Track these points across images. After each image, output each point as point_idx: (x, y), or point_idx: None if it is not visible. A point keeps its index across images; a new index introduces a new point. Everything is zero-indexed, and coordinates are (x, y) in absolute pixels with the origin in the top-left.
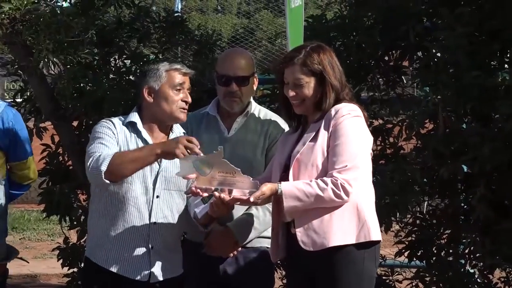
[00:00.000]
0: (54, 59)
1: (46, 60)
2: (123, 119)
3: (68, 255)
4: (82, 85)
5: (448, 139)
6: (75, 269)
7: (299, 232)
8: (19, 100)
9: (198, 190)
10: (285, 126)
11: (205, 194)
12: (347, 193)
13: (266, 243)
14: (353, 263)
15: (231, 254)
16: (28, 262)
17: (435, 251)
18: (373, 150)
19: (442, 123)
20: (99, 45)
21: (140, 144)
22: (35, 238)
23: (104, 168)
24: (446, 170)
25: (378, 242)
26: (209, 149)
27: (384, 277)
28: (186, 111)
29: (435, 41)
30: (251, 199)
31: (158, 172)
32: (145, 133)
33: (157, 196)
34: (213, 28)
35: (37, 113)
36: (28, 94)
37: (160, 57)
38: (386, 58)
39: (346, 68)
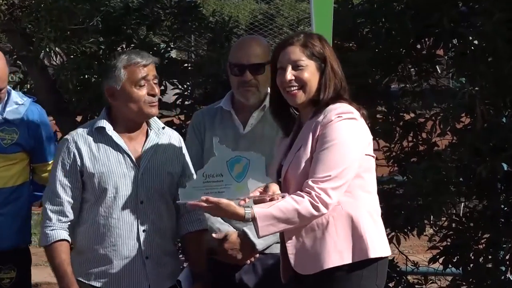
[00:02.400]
0: (56, 48)
1: (47, 49)
2: (91, 125)
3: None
4: (86, 76)
5: (487, 134)
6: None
7: (292, 255)
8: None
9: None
10: None
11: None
12: (325, 204)
13: None
14: (348, 282)
15: (248, 261)
16: None
17: (472, 257)
18: (404, 147)
19: (480, 117)
20: (105, 33)
21: (112, 152)
22: (36, 244)
23: (43, 244)
24: (485, 169)
25: (380, 258)
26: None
27: (417, 286)
28: (155, 103)
29: (471, 27)
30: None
31: (138, 177)
32: (117, 137)
33: (141, 202)
34: (230, 14)
35: None
36: (28, 86)
37: (172, 46)
38: (418, 46)
39: (375, 57)
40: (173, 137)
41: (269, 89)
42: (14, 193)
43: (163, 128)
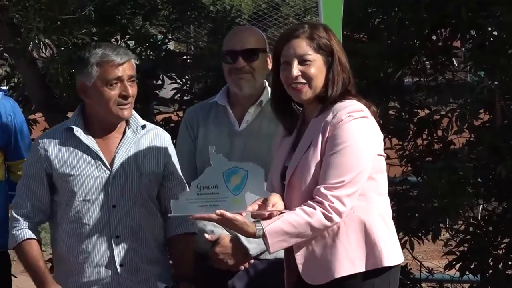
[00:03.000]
0: (46, 40)
1: (36, 41)
2: (63, 125)
3: None
4: None
5: (507, 131)
6: None
7: (300, 265)
8: (5, 87)
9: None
10: None
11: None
12: (338, 213)
13: (282, 254)
14: None
15: (242, 267)
16: (16, 277)
17: (491, 263)
18: (418, 145)
19: (500, 113)
20: (98, 24)
21: (82, 153)
22: None
23: (12, 245)
24: (504, 168)
25: (394, 266)
26: (217, 144)
27: None
28: (127, 106)
29: (490, 17)
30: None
31: (109, 180)
32: (86, 138)
33: (114, 206)
34: (231, 3)
35: (26, 103)
36: (16, 80)
37: (170, 37)
38: (434, 37)
39: (387, 49)
40: (157, 136)
41: (266, 82)
42: None
43: (143, 126)
